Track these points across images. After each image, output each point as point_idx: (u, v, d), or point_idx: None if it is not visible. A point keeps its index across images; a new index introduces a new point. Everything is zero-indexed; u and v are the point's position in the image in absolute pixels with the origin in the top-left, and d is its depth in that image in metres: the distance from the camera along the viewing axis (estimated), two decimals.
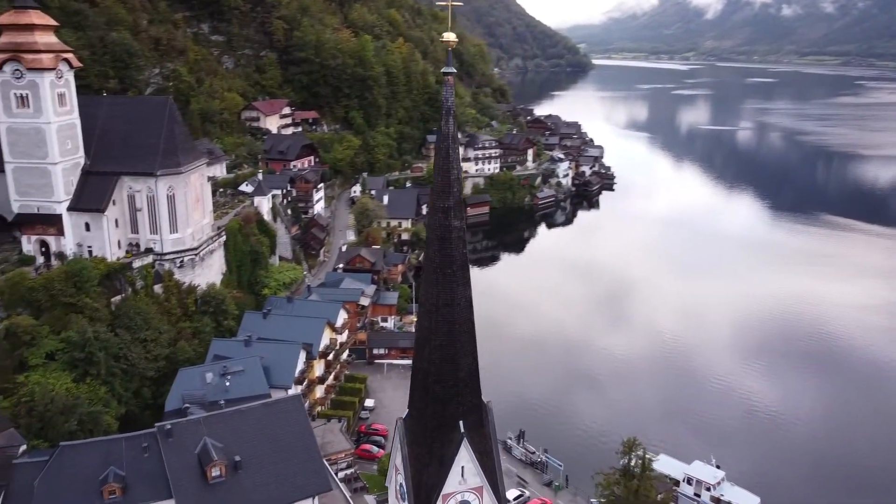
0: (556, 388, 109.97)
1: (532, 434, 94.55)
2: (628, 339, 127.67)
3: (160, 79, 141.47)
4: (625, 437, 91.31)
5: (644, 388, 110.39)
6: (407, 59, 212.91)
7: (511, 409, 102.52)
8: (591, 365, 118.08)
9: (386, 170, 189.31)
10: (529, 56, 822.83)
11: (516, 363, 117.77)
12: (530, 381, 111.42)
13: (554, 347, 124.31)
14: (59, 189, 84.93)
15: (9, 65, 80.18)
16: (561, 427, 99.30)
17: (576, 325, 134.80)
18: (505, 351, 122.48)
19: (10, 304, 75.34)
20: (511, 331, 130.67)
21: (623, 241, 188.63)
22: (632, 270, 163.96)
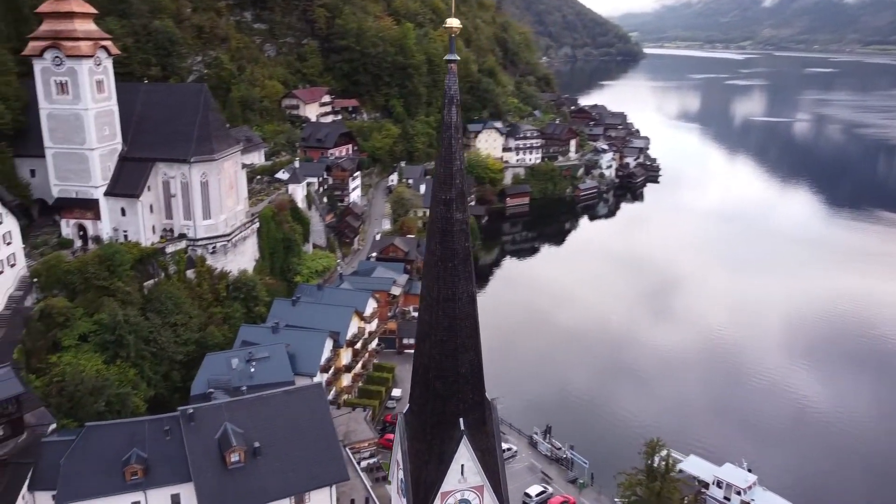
0: (591, 383, 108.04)
1: (560, 430, 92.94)
2: (671, 334, 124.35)
3: (202, 66, 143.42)
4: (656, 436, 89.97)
5: (682, 385, 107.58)
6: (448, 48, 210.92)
7: (541, 402, 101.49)
8: (631, 360, 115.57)
9: (425, 158, 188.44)
10: (579, 45, 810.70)
11: (553, 355, 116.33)
12: (565, 374, 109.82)
13: (593, 340, 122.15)
14: (97, 174, 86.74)
15: (49, 52, 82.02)
16: (591, 423, 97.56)
17: (617, 318, 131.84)
18: (542, 343, 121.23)
19: (46, 286, 77.34)
20: (550, 322, 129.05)
21: (669, 235, 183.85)
22: (677, 265, 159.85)
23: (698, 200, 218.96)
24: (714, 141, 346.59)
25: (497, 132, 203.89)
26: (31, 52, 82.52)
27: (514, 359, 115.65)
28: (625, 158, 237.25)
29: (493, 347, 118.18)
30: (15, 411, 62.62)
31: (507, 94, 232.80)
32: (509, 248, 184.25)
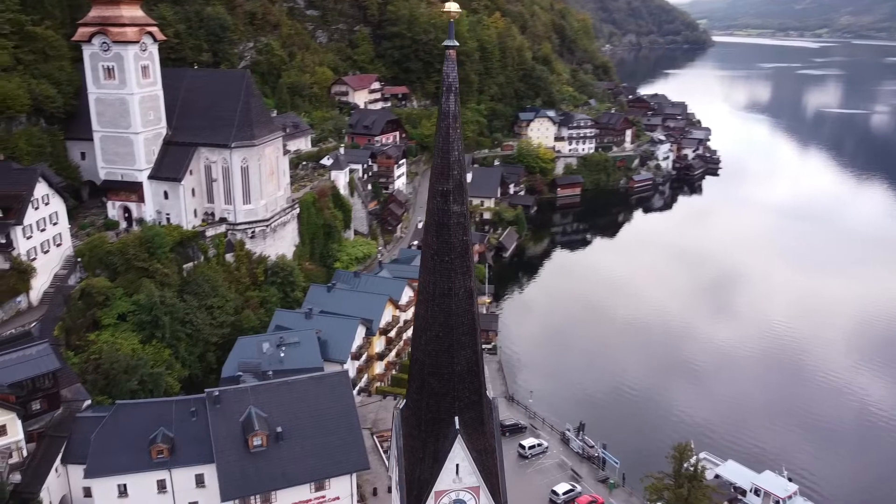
0: (637, 379, 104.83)
1: (595, 427, 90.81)
2: (728, 332, 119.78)
3: (254, 52, 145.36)
4: (696, 438, 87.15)
5: (734, 386, 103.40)
6: (503, 35, 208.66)
7: (580, 397, 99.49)
8: (683, 357, 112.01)
9: (475, 147, 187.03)
10: (644, 32, 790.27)
11: (600, 349, 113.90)
12: (611, 369, 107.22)
13: (645, 336, 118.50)
14: (141, 158, 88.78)
15: (97, 37, 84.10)
16: (630, 421, 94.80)
17: (672, 314, 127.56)
18: (590, 336, 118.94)
19: (89, 266, 79.73)
20: (600, 315, 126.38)
21: (730, 230, 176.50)
22: (738, 261, 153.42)
23: (763, 195, 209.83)
24: (784, 133, 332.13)
25: (549, 121, 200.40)
26: (80, 38, 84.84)
27: (559, 351, 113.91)
28: (683, 150, 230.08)
29: (539, 338, 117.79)
30: (51, 386, 64.81)
31: (562, 83, 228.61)
32: (560, 240, 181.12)
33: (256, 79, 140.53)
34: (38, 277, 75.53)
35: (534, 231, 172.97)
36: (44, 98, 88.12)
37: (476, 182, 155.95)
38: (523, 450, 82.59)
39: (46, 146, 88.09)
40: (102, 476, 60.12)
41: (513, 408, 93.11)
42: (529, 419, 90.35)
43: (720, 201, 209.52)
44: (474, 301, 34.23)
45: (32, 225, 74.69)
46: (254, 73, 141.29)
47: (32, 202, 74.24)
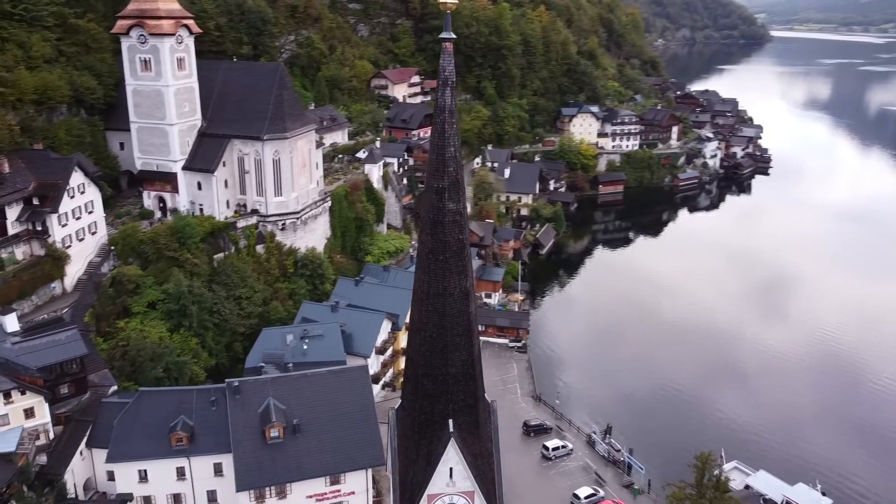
0: (671, 382, 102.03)
1: (624, 430, 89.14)
2: (773, 338, 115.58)
3: (294, 46, 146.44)
4: (730, 445, 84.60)
5: (775, 393, 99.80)
6: (547, 28, 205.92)
7: (609, 400, 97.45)
8: (726, 361, 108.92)
9: (515, 142, 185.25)
10: (699, 27, 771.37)
11: (639, 350, 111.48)
12: (647, 370, 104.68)
13: (686, 337, 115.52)
14: (175, 149, 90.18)
15: (134, 30, 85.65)
16: (662, 426, 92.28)
17: (714, 317, 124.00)
18: (629, 335, 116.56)
19: (122, 254, 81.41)
20: (641, 315, 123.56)
21: (780, 231, 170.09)
22: (789, 264, 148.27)
23: (818, 196, 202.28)
24: (844, 132, 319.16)
25: (593, 117, 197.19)
26: (118, 31, 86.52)
27: (593, 351, 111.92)
28: (732, 148, 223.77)
29: (573, 337, 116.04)
30: (79, 371, 66.33)
31: (608, 78, 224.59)
32: (601, 238, 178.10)
33: (296, 72, 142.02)
34: (73, 264, 77.40)
35: (574, 228, 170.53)
36: (84, 89, 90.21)
37: (514, 178, 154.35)
38: (547, 451, 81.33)
39: (86, 136, 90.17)
40: (123, 461, 61.41)
41: (539, 408, 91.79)
42: (556, 420, 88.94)
43: (771, 201, 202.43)
44: (471, 302, 33.33)
45: (68, 213, 76.50)
46: (293, 66, 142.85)
47: (68, 191, 76.05)
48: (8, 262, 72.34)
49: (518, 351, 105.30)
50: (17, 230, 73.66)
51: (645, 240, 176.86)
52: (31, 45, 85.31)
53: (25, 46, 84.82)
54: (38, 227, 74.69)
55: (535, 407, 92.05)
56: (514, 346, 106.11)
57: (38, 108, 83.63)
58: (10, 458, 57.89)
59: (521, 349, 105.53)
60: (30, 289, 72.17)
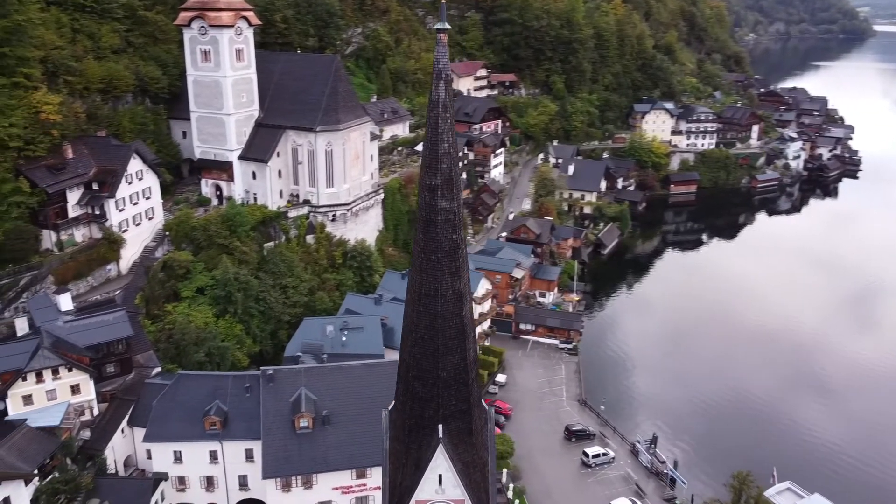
0: (733, 394, 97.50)
1: (670, 442, 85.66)
2: (857, 351, 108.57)
3: (361, 38, 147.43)
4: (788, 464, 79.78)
5: (853, 410, 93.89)
6: (622, 22, 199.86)
7: (660, 409, 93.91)
8: (797, 372, 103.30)
9: (584, 138, 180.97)
10: (794, 21, 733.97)
11: (704, 357, 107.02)
12: (705, 381, 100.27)
13: (753, 348, 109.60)
14: (232, 138, 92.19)
15: (196, 21, 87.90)
16: (714, 440, 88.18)
17: (793, 325, 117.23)
18: (696, 341, 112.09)
19: (176, 240, 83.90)
20: (711, 320, 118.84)
21: (869, 238, 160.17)
22: (878, 273, 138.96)
23: None
24: None
25: (667, 113, 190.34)
26: (180, 22, 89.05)
27: (649, 357, 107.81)
28: (817, 149, 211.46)
29: (629, 341, 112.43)
30: (124, 352, 68.68)
31: (685, 73, 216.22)
32: (671, 239, 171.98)
33: (361, 64, 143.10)
34: (129, 248, 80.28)
35: (642, 229, 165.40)
36: (149, 79, 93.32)
37: (578, 175, 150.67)
38: (587, 458, 78.92)
39: (149, 124, 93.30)
40: (159, 441, 63.20)
41: (584, 413, 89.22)
42: (600, 426, 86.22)
43: (859, 206, 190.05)
44: (465, 304, 32.00)
45: (125, 198, 79.36)
46: (359, 58, 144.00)
47: (126, 177, 78.87)
48: (67, 244, 75.70)
49: (568, 353, 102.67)
50: (77, 214, 76.92)
51: (719, 242, 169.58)
52: (100, 36, 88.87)
53: (95, 37, 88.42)
54: (96, 212, 77.78)
55: (580, 411, 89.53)
56: (565, 347, 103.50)
57: (104, 96, 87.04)
58: (54, 432, 60.54)
59: (571, 351, 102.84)
60: (86, 270, 75.27)
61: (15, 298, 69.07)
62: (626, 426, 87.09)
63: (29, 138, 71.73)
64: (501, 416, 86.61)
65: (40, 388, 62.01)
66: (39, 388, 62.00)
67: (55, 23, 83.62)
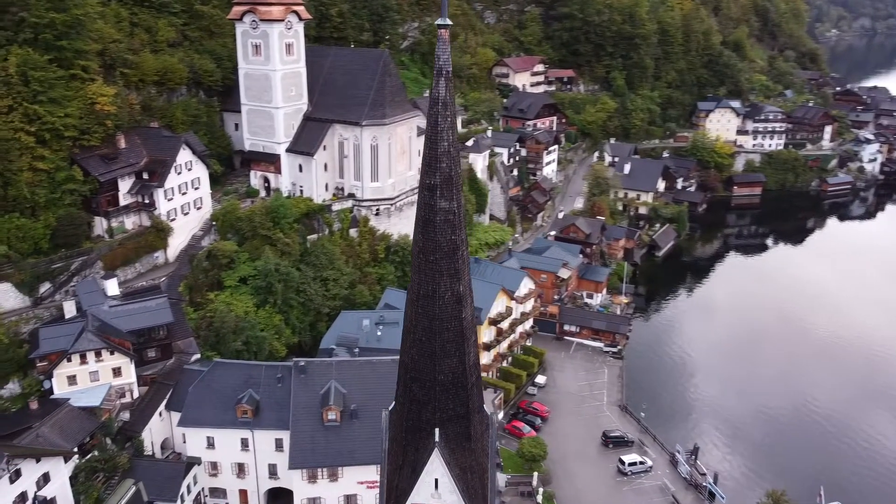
0: (785, 406, 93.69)
1: (712, 453, 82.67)
2: None
3: (417, 32, 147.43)
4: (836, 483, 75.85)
5: None
6: (689, 17, 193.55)
7: (705, 419, 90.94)
8: (865, 386, 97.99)
9: (643, 137, 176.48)
10: (881, 16, 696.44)
11: (750, 368, 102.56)
12: (756, 392, 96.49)
13: (820, 356, 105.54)
14: (280, 131, 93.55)
15: (247, 16, 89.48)
16: (763, 453, 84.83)
17: (865, 338, 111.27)
18: (741, 352, 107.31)
19: (222, 230, 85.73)
20: (764, 331, 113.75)
21: None
22: None
23: None
24: None
25: (732, 112, 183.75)
26: (233, 16, 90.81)
27: (698, 364, 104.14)
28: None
29: (679, 347, 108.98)
30: (165, 337, 70.69)
31: (754, 71, 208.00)
32: (734, 242, 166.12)
33: (416, 59, 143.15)
34: (176, 236, 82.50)
35: (702, 231, 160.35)
36: (203, 72, 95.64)
37: (634, 174, 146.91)
38: (622, 465, 76.88)
39: (202, 116, 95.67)
40: (193, 427, 64.67)
41: (624, 419, 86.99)
42: (639, 433, 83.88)
43: None
44: (464, 307, 31.28)
45: (174, 188, 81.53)
46: (413, 53, 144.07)
47: (175, 167, 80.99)
48: (117, 231, 78.34)
49: (613, 356, 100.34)
50: (128, 202, 79.47)
51: (785, 248, 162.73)
52: (157, 30, 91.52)
53: (152, 31, 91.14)
54: (146, 200, 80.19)
55: (620, 417, 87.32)
56: (610, 350, 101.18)
57: (159, 88, 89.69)
58: (94, 412, 62.79)
59: (616, 355, 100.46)
60: (134, 257, 77.74)
61: (66, 282, 71.87)
62: (667, 435, 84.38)
63: (84, 128, 74.40)
64: (538, 417, 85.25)
65: (84, 369, 64.43)
66: (83, 369, 64.43)
67: (114, 17, 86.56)
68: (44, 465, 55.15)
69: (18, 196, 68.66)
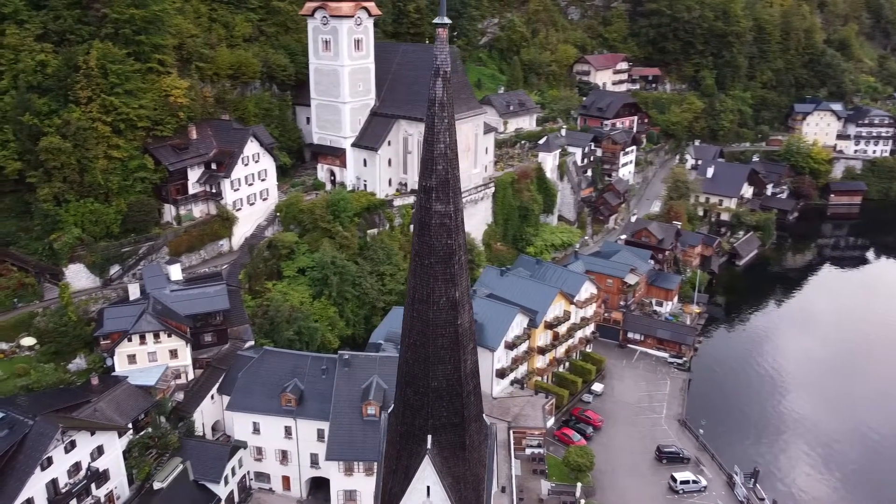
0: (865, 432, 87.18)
1: (774, 478, 77.87)
2: None
3: (496, 29, 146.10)
4: None
5: None
6: (789, 13, 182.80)
7: (770, 441, 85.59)
8: None
9: (733, 139, 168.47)
10: None
11: (826, 391, 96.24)
12: (831, 418, 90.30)
13: None
14: (346, 126, 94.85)
15: (318, 12, 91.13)
16: (833, 481, 79.16)
17: None
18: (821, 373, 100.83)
19: (285, 221, 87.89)
20: (858, 351, 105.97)
21: None
22: None
23: None
24: None
25: (833, 115, 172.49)
26: (305, 12, 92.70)
27: (771, 382, 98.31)
28: None
29: (752, 362, 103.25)
30: (220, 323, 73.11)
31: (861, 72, 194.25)
32: (829, 254, 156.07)
33: (494, 55, 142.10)
34: (241, 226, 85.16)
35: (792, 241, 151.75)
36: (276, 66, 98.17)
37: (717, 178, 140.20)
38: (674, 483, 73.57)
39: (274, 110, 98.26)
40: (240, 411, 66.64)
41: (682, 434, 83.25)
42: (697, 450, 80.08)
43: None
44: (460, 314, 30.55)
45: (241, 179, 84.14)
46: (492, 49, 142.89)
47: (242, 159, 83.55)
48: (186, 219, 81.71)
49: (677, 368, 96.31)
50: (197, 191, 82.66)
51: (888, 262, 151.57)
52: (234, 25, 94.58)
53: (230, 26, 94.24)
54: (213, 190, 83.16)
55: (678, 432, 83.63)
56: (674, 362, 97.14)
57: (233, 82, 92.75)
58: (149, 391, 65.75)
59: (681, 366, 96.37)
60: (198, 244, 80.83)
61: (134, 265, 75.65)
62: (726, 454, 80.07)
63: (157, 119, 77.93)
64: (590, 426, 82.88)
65: (143, 349, 67.45)
66: (142, 349, 67.45)
67: (194, 13, 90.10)
68: (98, 438, 58.10)
69: (93, 182, 72.65)
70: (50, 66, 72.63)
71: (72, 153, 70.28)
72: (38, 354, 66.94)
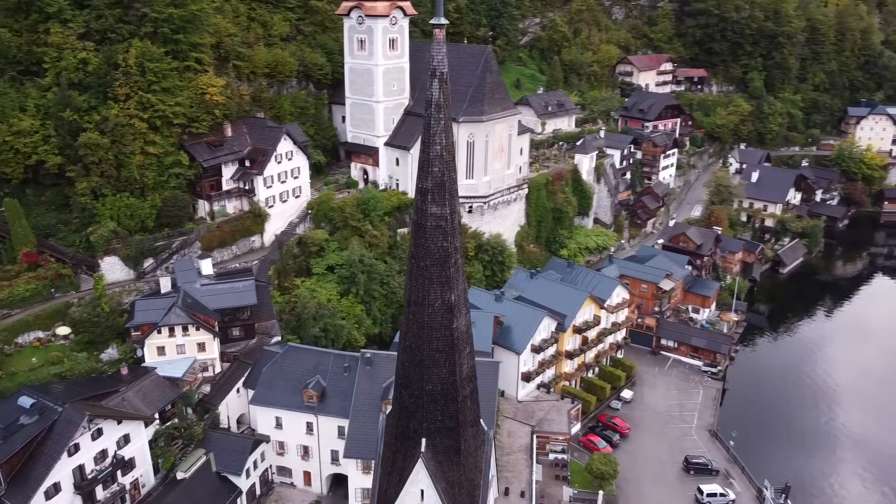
0: None
1: (806, 494, 75.19)
2: None
3: (538, 28, 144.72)
4: None
5: None
6: (844, 13, 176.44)
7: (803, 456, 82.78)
8: None
9: (781, 143, 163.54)
10: None
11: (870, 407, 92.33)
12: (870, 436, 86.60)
13: None
14: (380, 125, 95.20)
15: (354, 11, 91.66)
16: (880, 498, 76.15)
17: None
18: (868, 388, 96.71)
19: (316, 219, 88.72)
20: None
21: None
22: None
23: None
24: None
25: (889, 119, 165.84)
26: (341, 12, 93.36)
27: (809, 395, 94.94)
28: None
29: (790, 374, 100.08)
30: (248, 318, 74.21)
31: None
32: (882, 263, 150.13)
33: (534, 55, 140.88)
34: (273, 222, 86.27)
35: (843, 249, 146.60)
36: (312, 65, 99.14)
37: (762, 183, 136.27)
38: (700, 495, 71.78)
39: (309, 108, 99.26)
40: (263, 406, 67.58)
41: (712, 445, 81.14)
42: (727, 462, 77.99)
43: None
44: (456, 317, 30.37)
45: (273, 176, 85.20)
46: (532, 49, 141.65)
47: (275, 156, 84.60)
48: (219, 214, 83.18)
49: (711, 377, 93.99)
50: (230, 187, 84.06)
51: None
52: (272, 25, 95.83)
53: (268, 25, 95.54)
54: (246, 187, 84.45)
55: (709, 443, 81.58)
56: (708, 370, 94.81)
57: (269, 80, 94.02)
58: (177, 383, 67.15)
59: (714, 375, 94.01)
60: (230, 240, 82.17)
61: (167, 259, 77.32)
62: (757, 468, 77.70)
63: (193, 116, 79.48)
64: (616, 433, 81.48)
65: (171, 341, 68.86)
66: (171, 341, 68.87)
67: (233, 12, 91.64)
68: (125, 427, 59.55)
69: (129, 177, 74.53)
70: (91, 64, 74.77)
71: (109, 149, 72.26)
72: (73, 343, 68.96)
